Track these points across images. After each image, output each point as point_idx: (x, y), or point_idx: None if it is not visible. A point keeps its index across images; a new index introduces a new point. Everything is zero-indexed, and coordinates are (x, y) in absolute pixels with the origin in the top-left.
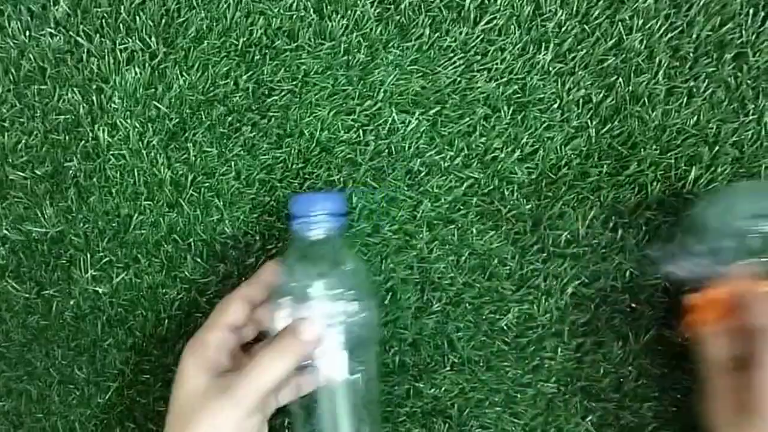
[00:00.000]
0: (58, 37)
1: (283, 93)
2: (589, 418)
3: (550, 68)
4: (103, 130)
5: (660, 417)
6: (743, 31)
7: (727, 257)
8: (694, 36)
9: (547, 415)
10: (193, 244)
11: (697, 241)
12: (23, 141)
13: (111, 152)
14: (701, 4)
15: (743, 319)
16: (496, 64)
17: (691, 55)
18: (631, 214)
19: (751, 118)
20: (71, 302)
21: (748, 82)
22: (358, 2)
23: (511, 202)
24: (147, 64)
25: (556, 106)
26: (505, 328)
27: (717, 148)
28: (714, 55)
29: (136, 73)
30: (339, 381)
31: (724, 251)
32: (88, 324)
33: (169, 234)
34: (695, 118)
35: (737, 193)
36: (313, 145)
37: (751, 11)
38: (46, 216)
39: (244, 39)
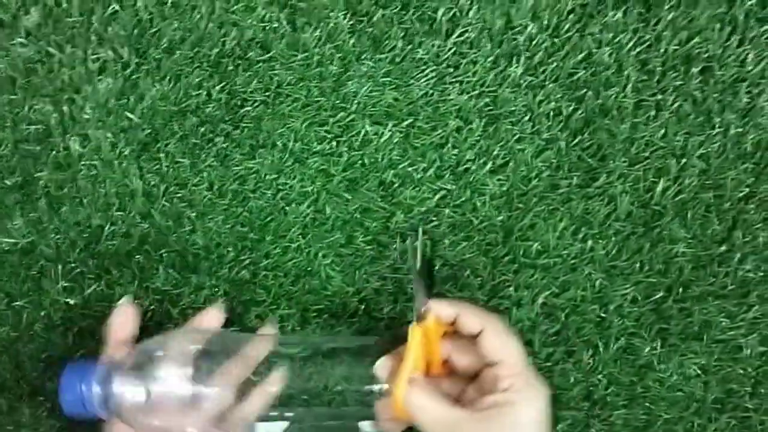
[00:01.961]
0: (28, 47)
1: (256, 104)
2: (560, 426)
3: (521, 81)
4: (75, 141)
5: (630, 425)
6: (710, 46)
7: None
8: (662, 50)
9: None
10: (165, 254)
11: None
12: None
13: (82, 163)
14: (669, 19)
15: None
16: (468, 76)
17: (659, 69)
18: (600, 225)
19: (717, 131)
20: (42, 313)
21: (715, 96)
22: (331, 14)
23: (483, 213)
24: (119, 75)
25: (527, 118)
26: None
27: (684, 160)
28: (681, 69)
29: (108, 84)
30: None
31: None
32: (59, 335)
33: (140, 245)
34: (663, 131)
35: None
36: (287, 156)
37: (717, 26)
38: (16, 227)
39: (217, 50)
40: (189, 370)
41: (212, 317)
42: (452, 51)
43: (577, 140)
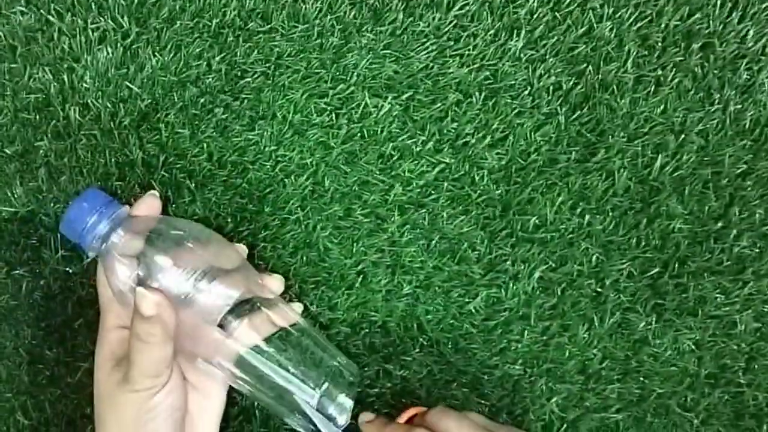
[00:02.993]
0: (28, 15)
1: (256, 75)
2: (554, 399)
3: (522, 55)
4: (74, 110)
5: (624, 399)
6: (710, 22)
7: None
8: (663, 26)
9: (513, 397)
10: None
11: None
12: None
13: (82, 132)
14: None
15: None
16: (469, 50)
17: (660, 44)
18: (598, 200)
19: (716, 107)
20: (41, 282)
21: (715, 72)
22: None
23: (482, 187)
24: (119, 44)
25: (526, 92)
26: (473, 311)
27: (683, 136)
28: (682, 45)
29: (107, 53)
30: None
31: None
32: (58, 304)
33: None
34: (662, 107)
35: None
36: (286, 127)
37: (718, 2)
38: (15, 195)
39: (218, 20)
40: (185, 275)
41: (150, 205)
42: (453, 24)
43: (576, 115)
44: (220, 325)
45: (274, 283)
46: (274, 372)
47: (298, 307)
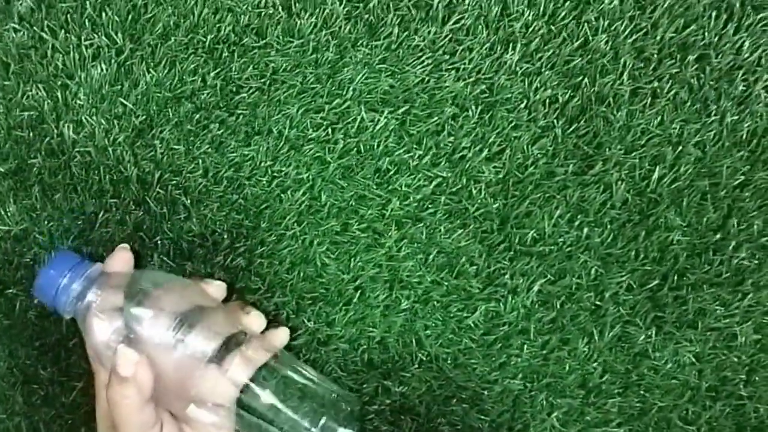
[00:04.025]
0: (21, 33)
1: (251, 90)
2: (555, 414)
3: (518, 68)
4: (68, 127)
5: (625, 413)
6: (706, 34)
7: None
8: (658, 38)
9: (514, 412)
10: (159, 242)
11: None
12: None
13: (76, 149)
14: (665, 6)
15: None
16: (464, 63)
17: (655, 56)
18: (596, 213)
19: (713, 119)
20: (35, 301)
21: (711, 83)
22: (327, 0)
23: (479, 200)
24: (113, 61)
25: (523, 105)
26: (472, 325)
27: (680, 148)
28: (677, 56)
29: (101, 70)
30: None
31: None
32: (52, 323)
33: (135, 232)
34: (659, 119)
35: None
36: (282, 143)
37: (713, 14)
38: (9, 214)
39: (212, 36)
40: (170, 321)
41: (122, 260)
42: (448, 38)
43: (573, 128)
44: (212, 364)
45: (256, 321)
46: (270, 411)
47: (284, 333)
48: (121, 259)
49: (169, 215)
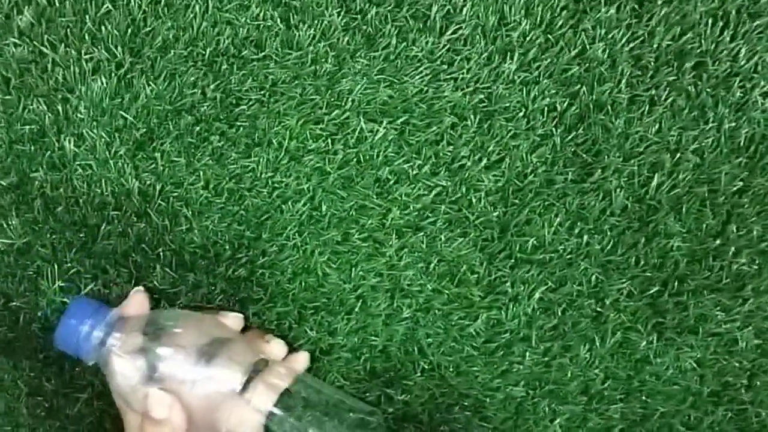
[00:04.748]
0: (22, 47)
1: (251, 102)
2: (558, 420)
3: (516, 77)
4: (70, 141)
5: (627, 419)
6: (702, 41)
7: None
8: (655, 46)
9: (516, 419)
10: (161, 254)
11: None
12: None
13: (77, 162)
14: (662, 14)
15: None
16: (463, 73)
17: (653, 64)
18: (596, 220)
19: (711, 125)
20: (39, 313)
21: (708, 90)
22: (325, 12)
23: (479, 209)
24: (113, 74)
25: (521, 114)
26: (474, 333)
27: (678, 155)
28: (675, 64)
29: (102, 83)
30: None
31: None
32: None
33: (137, 244)
34: (657, 126)
35: None
36: (282, 154)
37: (710, 21)
38: (12, 227)
39: (211, 48)
40: (192, 356)
41: (138, 302)
42: (446, 48)
43: (571, 136)
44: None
45: (278, 348)
46: None
47: (304, 357)
48: (138, 302)
49: (170, 227)
